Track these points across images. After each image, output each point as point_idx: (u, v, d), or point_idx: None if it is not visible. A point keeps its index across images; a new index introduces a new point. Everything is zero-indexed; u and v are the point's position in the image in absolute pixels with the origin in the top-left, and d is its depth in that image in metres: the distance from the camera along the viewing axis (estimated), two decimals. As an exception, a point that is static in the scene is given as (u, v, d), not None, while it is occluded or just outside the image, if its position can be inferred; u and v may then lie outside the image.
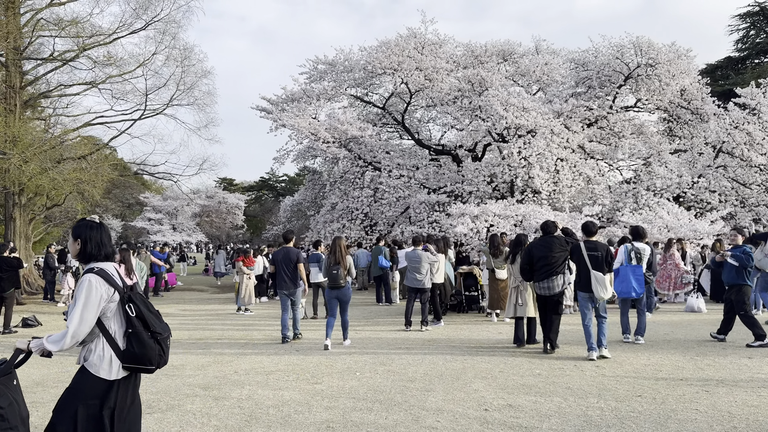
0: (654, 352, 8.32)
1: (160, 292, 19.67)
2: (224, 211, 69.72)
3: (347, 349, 8.96)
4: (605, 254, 8.25)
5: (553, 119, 20.20)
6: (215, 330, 11.51)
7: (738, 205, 21.84)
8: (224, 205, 69.31)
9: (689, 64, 22.42)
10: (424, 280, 10.92)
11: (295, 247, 10.86)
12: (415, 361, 7.92)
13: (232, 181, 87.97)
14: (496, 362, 7.73)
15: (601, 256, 8.22)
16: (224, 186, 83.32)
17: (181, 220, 69.18)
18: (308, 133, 21.16)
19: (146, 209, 70.07)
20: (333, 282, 9.42)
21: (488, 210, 18.13)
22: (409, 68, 22.76)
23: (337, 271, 9.35)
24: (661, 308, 13.96)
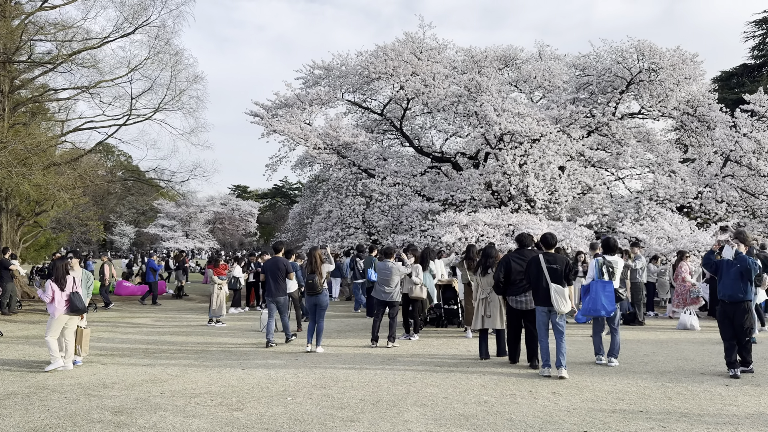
0: (624, 376, 7.62)
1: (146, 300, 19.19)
2: (237, 218, 69.81)
3: (299, 366, 8.37)
4: (564, 267, 7.84)
5: (550, 126, 19.50)
6: (175, 344, 10.99)
7: (747, 215, 20.94)
8: (237, 213, 69.38)
9: (695, 70, 21.58)
10: (393, 293, 10.30)
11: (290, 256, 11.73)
12: (361, 383, 7.31)
13: (246, 189, 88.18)
14: (447, 385, 7.09)
15: (560, 268, 7.81)
16: (238, 193, 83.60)
17: (194, 227, 69.35)
18: (299, 139, 20.69)
19: (159, 216, 70.34)
20: (311, 290, 9.92)
21: (478, 219, 17.49)
22: (405, 73, 22.23)
23: (312, 280, 9.89)
24: (650, 325, 13.18)
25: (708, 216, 20.42)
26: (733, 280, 7.64)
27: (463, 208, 20.13)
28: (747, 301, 7.62)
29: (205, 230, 68.12)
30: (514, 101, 20.18)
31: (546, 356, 7.77)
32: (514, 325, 8.82)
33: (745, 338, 7.63)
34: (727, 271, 7.76)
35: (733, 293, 7.63)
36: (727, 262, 7.80)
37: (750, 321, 7.62)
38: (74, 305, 8.34)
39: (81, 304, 8.46)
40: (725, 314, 7.74)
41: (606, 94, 21.51)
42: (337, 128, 21.64)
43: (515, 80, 26.26)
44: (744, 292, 7.59)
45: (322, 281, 9.93)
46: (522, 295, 8.54)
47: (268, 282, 10.63)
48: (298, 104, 22.45)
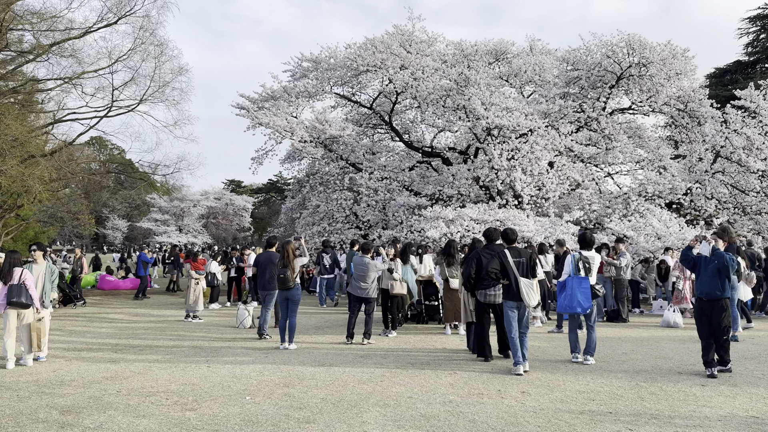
0: (598, 375, 7.40)
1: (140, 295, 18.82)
2: (231, 213, 69.29)
3: (266, 364, 8.13)
4: (528, 260, 7.89)
5: (539, 120, 19.26)
6: (147, 339, 10.73)
7: (737, 212, 20.78)
8: (231, 207, 68.88)
9: (686, 65, 21.35)
10: (369, 289, 10.07)
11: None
12: (327, 381, 7.07)
13: (240, 183, 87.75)
14: (415, 384, 6.86)
15: (524, 262, 7.86)
16: (232, 188, 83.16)
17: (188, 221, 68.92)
18: (284, 132, 20.39)
19: (152, 210, 69.92)
20: (282, 284, 9.70)
21: (464, 214, 17.27)
22: (394, 66, 21.95)
23: (285, 275, 9.64)
24: (634, 322, 12.97)
25: (698, 213, 20.24)
26: (711, 277, 7.42)
27: (451, 203, 19.90)
28: (725, 298, 7.41)
29: (198, 225, 67.66)
30: (502, 95, 19.92)
31: (518, 353, 7.60)
32: (483, 320, 8.65)
33: (723, 337, 7.41)
34: (704, 268, 7.54)
35: (711, 290, 7.41)
36: (704, 259, 7.58)
37: (728, 319, 7.41)
38: (9, 298, 7.97)
39: (18, 296, 8.03)
40: (703, 312, 7.52)
41: (596, 88, 21.27)
42: (324, 121, 21.35)
43: (506, 75, 26.00)
44: (722, 289, 7.37)
45: (294, 276, 9.65)
46: (492, 288, 8.40)
47: (262, 275, 10.88)
48: (285, 97, 22.16)
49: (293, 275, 9.63)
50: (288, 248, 9.79)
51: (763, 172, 19.17)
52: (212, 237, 68.45)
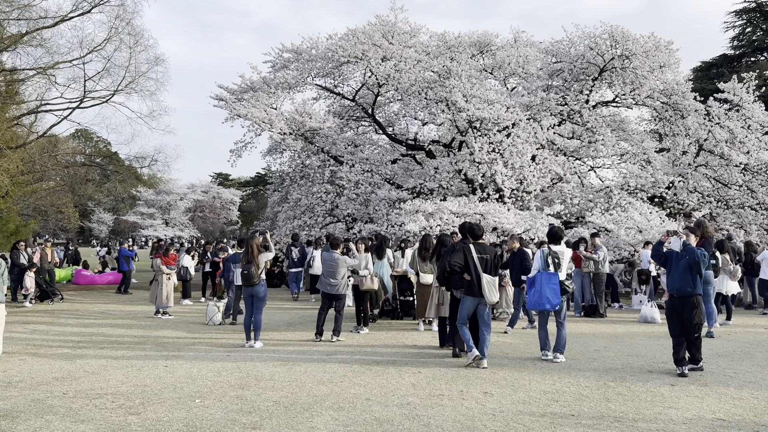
0: (566, 374, 7.19)
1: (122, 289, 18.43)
2: (218, 206, 68.79)
3: (227, 362, 7.85)
4: (493, 257, 7.78)
5: (520, 113, 19.02)
6: (111, 336, 10.42)
7: (720, 206, 20.69)
8: (219, 201, 68.38)
9: (670, 57, 21.15)
10: (338, 285, 9.80)
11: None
12: (285, 382, 6.81)
13: (228, 177, 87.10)
14: (376, 384, 6.62)
15: (489, 259, 7.73)
16: (219, 181, 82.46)
17: (174, 215, 68.32)
18: (263, 124, 20.03)
19: (139, 203, 69.21)
20: (246, 280, 9.39)
21: (444, 207, 17.03)
22: (375, 57, 21.62)
23: (248, 271, 9.33)
24: (612, 317, 12.81)
25: (681, 206, 20.11)
26: (682, 273, 7.22)
27: (432, 196, 19.65)
28: (696, 295, 7.21)
29: (185, 218, 67.16)
30: (483, 87, 19.64)
31: (469, 341, 7.71)
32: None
33: (694, 334, 7.22)
34: (675, 264, 7.33)
35: (682, 287, 7.21)
36: (675, 255, 7.37)
37: (699, 316, 7.21)
38: None
39: None
40: (674, 309, 7.32)
41: (579, 81, 21.04)
42: (304, 113, 20.99)
43: (490, 67, 25.71)
44: (693, 285, 7.17)
45: (259, 272, 9.35)
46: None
47: None
48: (265, 88, 21.76)
49: (258, 271, 9.32)
50: (252, 243, 9.50)
51: (745, 165, 19.05)
52: (199, 230, 67.95)
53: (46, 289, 16.06)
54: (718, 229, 19.95)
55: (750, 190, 19.53)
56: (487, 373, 7.27)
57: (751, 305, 15.00)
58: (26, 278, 15.39)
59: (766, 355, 8.42)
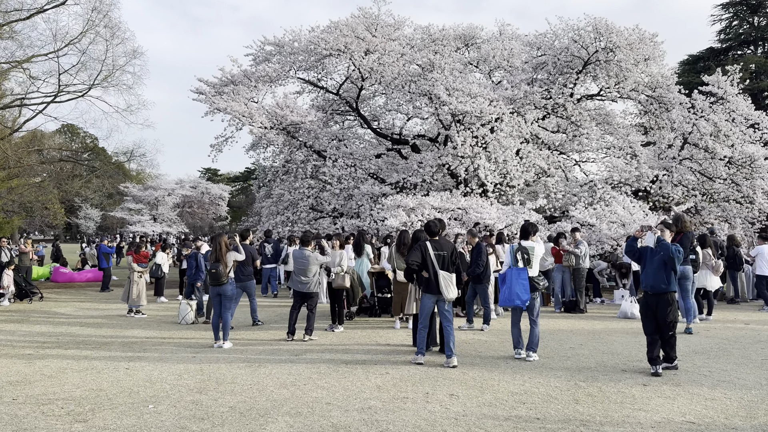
0: (537, 373, 7.00)
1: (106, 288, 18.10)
2: (207, 201, 68.16)
3: (191, 364, 7.61)
4: (450, 254, 7.60)
5: (504, 107, 18.81)
6: (79, 336, 10.15)
7: (705, 199, 20.60)
8: (207, 196, 67.78)
9: (654, 50, 20.97)
10: (310, 283, 9.57)
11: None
12: (246, 386, 6.59)
13: (217, 172, 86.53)
14: (339, 387, 6.40)
15: (446, 255, 7.60)
16: (208, 177, 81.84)
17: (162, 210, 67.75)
18: (242, 118, 19.72)
19: (126, 199, 68.63)
20: (214, 279, 9.30)
21: (426, 202, 16.82)
22: (358, 50, 21.32)
23: (216, 269, 9.25)
24: (592, 313, 12.66)
25: (666, 200, 19.99)
26: (656, 270, 7.04)
27: (415, 191, 19.44)
28: (671, 292, 7.03)
29: (173, 214, 66.61)
30: (465, 81, 19.39)
31: (422, 345, 7.67)
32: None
33: (669, 332, 7.04)
34: (650, 260, 7.15)
35: (656, 283, 7.03)
36: (650, 251, 7.19)
37: (674, 314, 7.03)
38: None
39: None
40: (648, 306, 7.14)
41: (563, 74, 20.85)
42: (285, 107, 20.68)
43: (476, 60, 25.48)
44: (667, 282, 6.99)
45: (227, 270, 9.23)
46: None
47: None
48: (246, 81, 21.44)
49: (226, 270, 9.22)
50: (221, 241, 9.38)
51: (730, 158, 18.95)
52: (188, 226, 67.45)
53: (25, 288, 15.67)
54: (703, 223, 19.89)
55: (734, 184, 19.43)
56: (457, 373, 7.07)
57: (734, 300, 14.89)
58: (4, 276, 15.06)
59: (742, 352, 8.27)
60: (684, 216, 10.51)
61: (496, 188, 18.65)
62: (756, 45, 36.61)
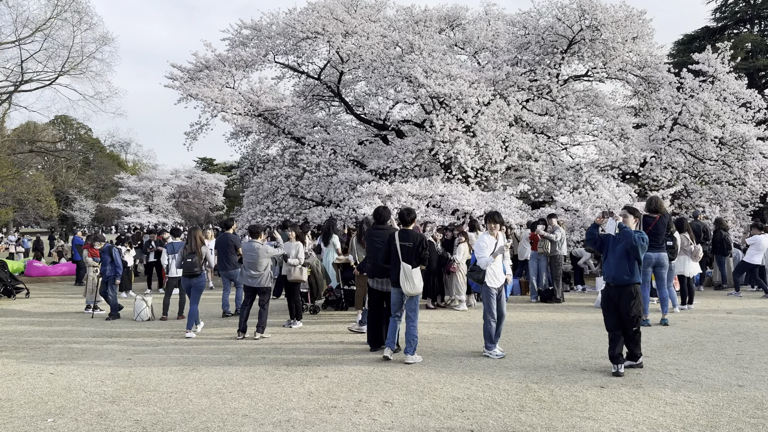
0: (489, 373, 6.43)
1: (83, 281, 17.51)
2: (203, 191, 67.66)
3: (120, 367, 7.06)
4: (417, 245, 7.11)
5: (485, 89, 18.12)
6: (24, 335, 9.60)
7: (696, 182, 20.00)
8: (203, 186, 67.26)
9: (643, 28, 20.20)
10: (261, 277, 9.00)
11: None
12: (166, 393, 6.04)
13: (212, 161, 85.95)
14: (267, 394, 5.85)
15: (412, 246, 7.19)
16: (204, 166, 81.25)
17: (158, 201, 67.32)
18: (214, 104, 19.05)
19: (121, 190, 68.22)
20: (188, 270, 9.53)
21: (402, 189, 16.23)
22: (335, 32, 20.59)
23: (192, 260, 9.50)
24: (569, 302, 12.10)
25: (656, 183, 19.35)
26: (618, 259, 6.46)
27: (394, 177, 18.82)
28: (634, 283, 6.45)
29: (168, 204, 66.15)
30: (444, 62, 18.66)
31: (392, 337, 7.33)
32: (375, 307, 7.82)
33: (633, 328, 6.47)
34: (612, 249, 6.56)
35: (618, 274, 6.45)
36: (612, 239, 6.60)
37: (638, 308, 6.45)
38: None
39: None
40: (609, 299, 6.57)
41: (548, 54, 20.12)
42: (260, 92, 19.99)
43: (461, 42, 24.73)
44: (630, 273, 6.41)
45: (201, 262, 9.50)
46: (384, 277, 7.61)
47: (220, 257, 11.41)
48: (220, 67, 20.73)
49: (200, 261, 9.50)
50: (196, 234, 9.70)
51: (720, 139, 18.30)
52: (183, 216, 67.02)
53: (8, 284, 14.88)
54: (695, 206, 19.27)
55: (726, 165, 18.82)
56: (402, 374, 6.51)
57: (721, 285, 14.33)
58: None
59: (717, 345, 7.70)
60: (659, 199, 9.89)
61: (477, 173, 18.01)
62: (752, 23, 35.71)
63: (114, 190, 71.09)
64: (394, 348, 7.36)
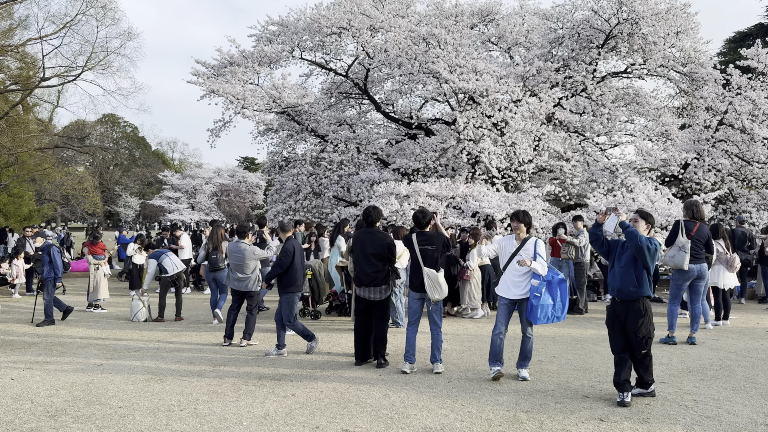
0: (476, 398, 5.67)
1: None
2: (244, 190, 68.34)
3: (89, 374, 6.59)
4: (440, 248, 6.77)
5: (514, 85, 17.23)
6: (10, 335, 9.30)
7: (742, 185, 18.67)
8: (244, 185, 67.94)
9: (687, 22, 18.96)
10: (248, 281, 8.43)
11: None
12: (114, 409, 5.50)
13: (254, 161, 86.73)
14: (220, 414, 5.24)
15: (434, 249, 6.73)
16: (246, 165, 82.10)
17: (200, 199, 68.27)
18: (235, 100, 18.65)
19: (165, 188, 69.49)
20: (213, 265, 10.41)
21: (421, 189, 15.49)
22: (361, 27, 19.98)
23: (216, 256, 10.41)
24: (592, 312, 11.18)
25: (699, 186, 18.09)
26: (624, 268, 5.59)
27: (417, 178, 18.10)
28: (643, 297, 5.58)
29: (210, 202, 67.01)
30: (470, 56, 17.81)
31: (410, 349, 6.82)
32: (363, 317, 7.18)
33: (642, 350, 5.60)
34: (618, 256, 5.71)
35: (623, 285, 5.60)
36: (621, 244, 5.75)
37: (647, 327, 5.58)
38: None
39: None
40: (615, 316, 5.72)
41: (583, 49, 19.06)
42: (281, 87, 19.51)
43: (495, 37, 23.81)
44: (637, 284, 5.54)
45: (223, 257, 10.34)
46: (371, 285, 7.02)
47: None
48: (244, 63, 20.36)
49: (222, 256, 10.40)
50: (218, 231, 10.67)
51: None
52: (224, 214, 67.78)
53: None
54: (741, 211, 17.95)
55: (775, 168, 17.45)
56: (378, 395, 5.82)
57: (765, 298, 13.13)
58: (13, 267, 14.39)
59: (748, 371, 6.74)
60: (698, 203, 8.84)
61: (503, 174, 17.13)
62: (809, 18, 33.67)
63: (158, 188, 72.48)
64: (414, 361, 6.84)
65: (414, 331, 6.85)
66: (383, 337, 7.12)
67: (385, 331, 7.17)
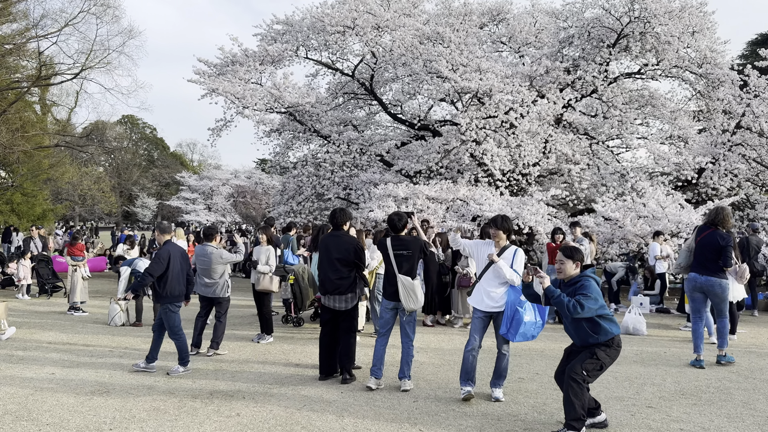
0: (439, 422, 5.14)
1: None
2: (260, 192, 68.35)
3: (31, 388, 6.18)
4: (417, 254, 6.31)
5: (520, 84, 16.64)
6: None
7: (760, 191, 17.87)
8: (261, 186, 67.93)
9: (703, 21, 18.19)
10: (215, 286, 7.98)
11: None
12: (39, 425, 5.07)
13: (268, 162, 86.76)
14: (166, 427, 4.79)
15: (410, 255, 6.26)
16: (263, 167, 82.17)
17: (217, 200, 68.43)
18: (236, 100, 18.30)
19: (182, 189, 69.74)
20: None
21: (419, 192, 14.96)
22: (366, 25, 19.52)
23: None
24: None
25: (715, 192, 17.33)
26: (575, 322, 4.93)
27: (419, 180, 17.58)
28: (602, 343, 4.87)
29: (227, 204, 67.12)
30: (473, 55, 17.24)
31: (377, 363, 6.31)
32: (327, 327, 6.70)
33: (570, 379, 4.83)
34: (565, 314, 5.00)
35: (582, 341, 4.94)
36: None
37: (588, 369, 4.80)
38: None
39: None
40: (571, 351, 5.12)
41: (594, 49, 18.40)
42: (282, 87, 19.12)
43: (505, 37, 23.21)
44: (595, 332, 4.85)
45: None
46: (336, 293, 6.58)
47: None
48: (247, 62, 20.02)
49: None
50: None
51: (788, 144, 16.18)
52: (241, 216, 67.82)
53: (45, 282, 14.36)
54: (758, 218, 17.15)
55: (795, 173, 16.65)
56: (332, 417, 5.31)
57: (780, 311, 12.38)
58: (20, 267, 14.09)
59: (747, 395, 6.11)
60: (726, 209, 7.98)
61: (506, 176, 16.53)
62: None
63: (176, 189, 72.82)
64: (381, 376, 6.34)
65: (384, 344, 6.37)
66: (349, 351, 6.62)
67: (352, 344, 6.67)
